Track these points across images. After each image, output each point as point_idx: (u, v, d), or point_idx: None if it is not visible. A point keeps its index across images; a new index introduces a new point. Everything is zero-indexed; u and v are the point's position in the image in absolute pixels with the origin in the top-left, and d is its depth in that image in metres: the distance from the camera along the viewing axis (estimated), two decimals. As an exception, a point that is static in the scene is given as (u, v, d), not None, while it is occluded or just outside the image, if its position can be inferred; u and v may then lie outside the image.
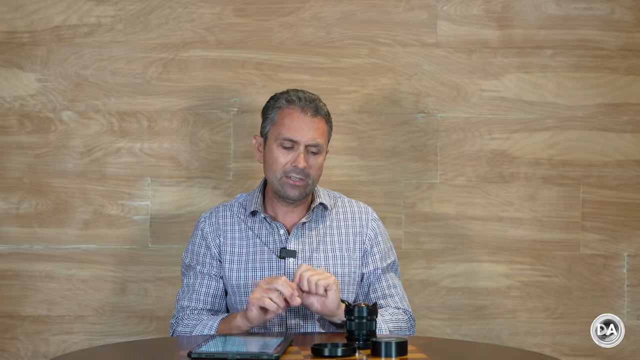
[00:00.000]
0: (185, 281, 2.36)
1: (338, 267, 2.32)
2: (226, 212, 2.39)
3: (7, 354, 2.82)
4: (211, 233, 2.36)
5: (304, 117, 2.29)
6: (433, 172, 2.87)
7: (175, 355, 1.98)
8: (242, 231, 2.35)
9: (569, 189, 2.88)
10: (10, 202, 2.83)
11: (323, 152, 2.32)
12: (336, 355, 1.84)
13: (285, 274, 2.29)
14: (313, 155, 2.30)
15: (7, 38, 2.84)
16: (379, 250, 2.38)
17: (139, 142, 2.85)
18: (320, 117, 2.31)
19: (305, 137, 2.28)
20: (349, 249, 2.35)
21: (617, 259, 2.88)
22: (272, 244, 2.32)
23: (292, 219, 2.36)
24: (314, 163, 2.30)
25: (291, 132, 2.28)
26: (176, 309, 2.34)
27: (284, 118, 2.30)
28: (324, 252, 2.33)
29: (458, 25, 2.87)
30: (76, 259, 2.83)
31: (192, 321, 2.26)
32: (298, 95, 2.31)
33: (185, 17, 2.85)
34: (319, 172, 2.33)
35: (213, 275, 2.34)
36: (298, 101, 2.30)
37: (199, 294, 2.32)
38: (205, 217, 2.40)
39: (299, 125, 2.28)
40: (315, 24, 2.86)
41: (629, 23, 2.89)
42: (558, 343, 2.86)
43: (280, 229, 2.33)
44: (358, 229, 2.37)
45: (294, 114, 2.29)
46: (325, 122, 2.32)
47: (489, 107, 2.88)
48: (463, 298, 2.87)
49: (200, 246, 2.37)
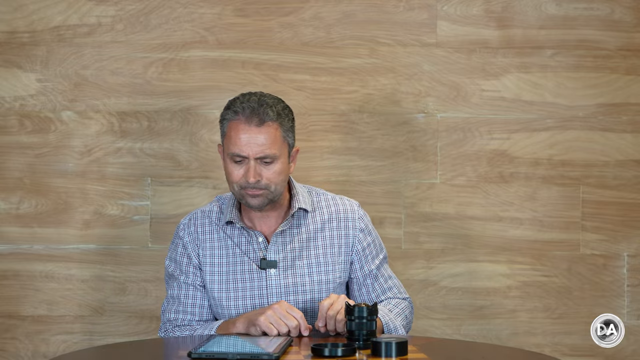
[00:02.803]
0: (170, 292, 2.31)
1: (322, 275, 2.27)
2: (204, 219, 2.31)
3: (7, 354, 2.82)
4: (191, 243, 2.30)
5: (249, 129, 2.17)
6: (433, 172, 2.87)
7: (175, 355, 1.98)
8: (221, 240, 2.29)
9: (568, 189, 2.88)
10: (10, 202, 2.83)
11: (280, 158, 2.20)
12: (336, 355, 1.84)
13: (267, 285, 2.24)
14: (267, 165, 2.19)
15: (7, 38, 2.84)
16: (370, 251, 2.33)
17: (139, 142, 2.84)
18: (269, 123, 2.18)
19: (253, 150, 2.17)
20: (333, 253, 2.29)
21: (617, 259, 2.88)
22: (252, 253, 2.26)
23: (270, 224, 2.29)
24: (270, 173, 2.19)
25: (237, 147, 2.18)
26: (162, 320, 2.30)
27: (231, 131, 2.20)
28: (307, 258, 2.27)
29: (458, 25, 2.87)
30: (76, 259, 2.83)
31: (186, 331, 2.24)
32: (243, 105, 2.19)
33: (185, 17, 2.85)
34: (280, 178, 2.21)
35: (197, 285, 2.28)
36: (242, 112, 2.18)
37: (186, 306, 2.27)
38: (184, 224, 2.33)
39: (245, 139, 2.17)
40: (315, 24, 2.86)
41: (629, 23, 2.89)
42: (558, 343, 2.87)
43: (258, 237, 2.27)
44: (344, 231, 2.31)
45: (239, 127, 2.18)
46: (277, 126, 2.19)
47: (489, 107, 2.88)
48: (463, 298, 2.87)
49: (183, 255, 2.30)
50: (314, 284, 2.26)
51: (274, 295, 2.24)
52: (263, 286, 2.25)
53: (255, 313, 2.09)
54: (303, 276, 2.26)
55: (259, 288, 2.25)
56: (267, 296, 2.25)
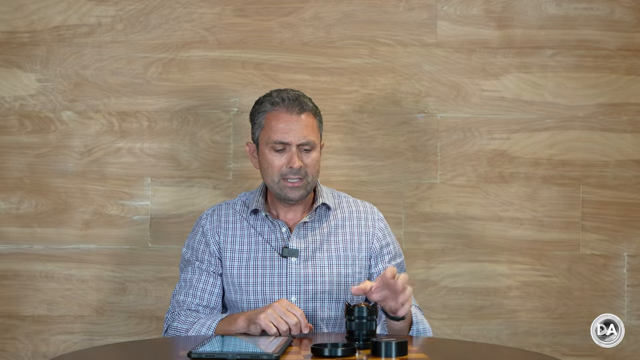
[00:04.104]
0: (183, 276, 2.36)
1: (342, 267, 2.33)
2: (228, 210, 2.39)
3: (7, 354, 2.82)
4: (211, 230, 2.37)
5: (290, 117, 2.29)
6: (433, 172, 2.87)
7: (175, 355, 1.99)
8: (244, 229, 2.36)
9: (568, 189, 2.88)
10: (10, 202, 2.83)
11: (317, 148, 2.32)
12: (336, 355, 1.84)
13: (287, 273, 2.30)
14: (307, 153, 2.30)
15: (7, 38, 2.84)
16: (389, 251, 2.39)
17: (139, 142, 2.85)
18: (307, 112, 2.31)
19: (296, 137, 2.28)
20: (353, 248, 2.35)
21: (617, 259, 2.88)
22: (274, 242, 2.33)
23: (294, 216, 2.36)
24: (309, 160, 2.30)
25: (280, 134, 2.28)
26: (172, 303, 2.34)
27: (271, 121, 2.30)
28: (327, 251, 2.33)
29: (458, 25, 2.87)
30: (76, 259, 2.83)
31: (190, 318, 2.26)
32: (281, 96, 2.31)
33: (185, 17, 2.85)
34: (316, 168, 2.33)
35: (211, 272, 2.34)
36: (282, 102, 2.30)
37: (196, 290, 2.32)
38: (207, 214, 2.41)
39: (287, 127, 2.28)
40: (315, 24, 2.86)
41: (629, 23, 2.89)
42: (558, 343, 2.87)
43: (282, 227, 2.34)
44: (364, 229, 2.38)
45: (280, 116, 2.29)
46: (313, 116, 2.33)
47: (489, 107, 2.88)
48: (463, 298, 2.87)
49: (200, 243, 2.37)
50: (333, 276, 2.32)
51: (293, 283, 2.30)
52: (283, 274, 2.31)
53: (255, 312, 2.12)
54: (323, 267, 2.32)
55: (279, 275, 2.31)
56: (286, 284, 2.30)
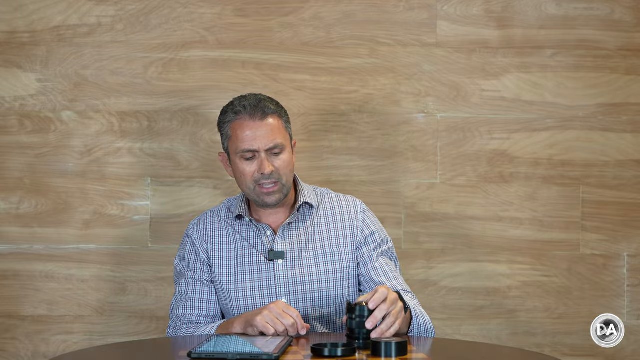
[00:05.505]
0: (178, 289, 2.37)
1: (329, 264, 2.33)
2: (214, 217, 2.40)
3: (7, 354, 2.82)
4: (199, 239, 2.37)
5: (254, 124, 2.28)
6: (433, 172, 2.87)
7: (175, 355, 1.99)
8: (230, 235, 2.36)
9: (569, 189, 2.88)
10: (10, 202, 2.83)
11: (287, 148, 2.31)
12: (336, 355, 1.84)
13: (275, 276, 2.30)
14: (276, 156, 2.29)
15: (7, 38, 2.84)
16: (374, 239, 2.37)
17: (139, 142, 2.85)
18: (271, 115, 2.29)
19: (262, 142, 2.27)
20: (339, 244, 2.35)
21: (617, 259, 2.88)
22: (261, 246, 2.33)
23: (278, 219, 2.36)
24: (280, 163, 2.29)
25: (247, 142, 2.28)
26: (171, 318, 2.34)
27: (236, 130, 2.30)
28: (313, 250, 2.33)
29: (458, 25, 2.87)
30: (76, 259, 2.83)
31: (191, 329, 2.27)
32: (242, 103, 2.30)
33: (185, 17, 2.85)
34: (289, 169, 2.32)
35: (205, 281, 2.35)
36: (244, 110, 2.29)
37: (194, 301, 2.33)
38: (193, 223, 2.42)
39: (252, 134, 2.28)
40: (315, 24, 2.86)
41: (629, 23, 2.89)
42: (558, 343, 2.87)
43: (267, 231, 2.34)
44: (348, 223, 2.37)
45: (244, 124, 2.29)
46: (278, 118, 2.31)
47: (489, 107, 2.88)
48: (463, 298, 2.87)
49: (191, 253, 2.38)
50: (321, 274, 2.32)
51: (282, 285, 2.30)
52: (271, 277, 2.31)
53: (252, 314, 2.12)
54: (310, 267, 2.32)
55: (267, 279, 2.31)
56: (275, 287, 2.30)
